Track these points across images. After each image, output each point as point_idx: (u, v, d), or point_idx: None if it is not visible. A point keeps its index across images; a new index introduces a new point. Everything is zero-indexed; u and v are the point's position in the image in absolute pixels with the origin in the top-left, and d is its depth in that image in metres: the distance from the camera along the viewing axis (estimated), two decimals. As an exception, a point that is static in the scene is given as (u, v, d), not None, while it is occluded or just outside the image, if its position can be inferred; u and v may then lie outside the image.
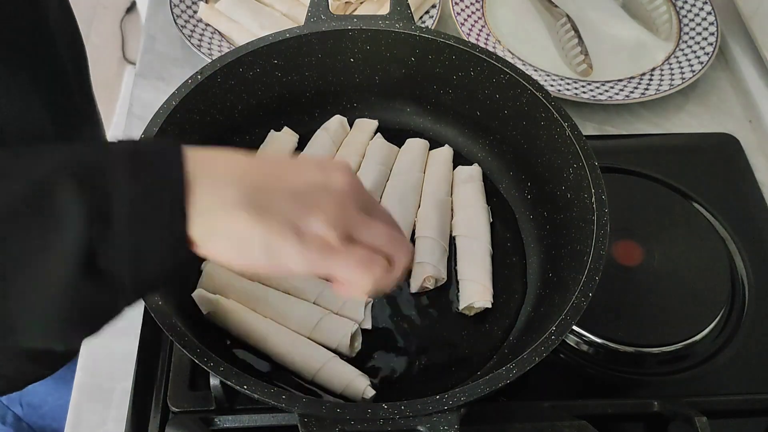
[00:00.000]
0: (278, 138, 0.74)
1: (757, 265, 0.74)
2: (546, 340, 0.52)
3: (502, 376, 0.51)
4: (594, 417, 0.60)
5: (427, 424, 0.48)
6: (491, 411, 0.61)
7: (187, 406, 0.61)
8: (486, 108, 0.72)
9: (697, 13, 0.96)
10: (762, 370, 0.68)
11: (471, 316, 0.66)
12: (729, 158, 0.84)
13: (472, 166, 0.74)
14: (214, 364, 0.50)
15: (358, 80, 0.75)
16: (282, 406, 0.49)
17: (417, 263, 0.67)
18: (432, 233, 0.68)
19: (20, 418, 0.90)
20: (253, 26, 0.91)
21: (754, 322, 0.70)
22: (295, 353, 0.61)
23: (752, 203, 0.80)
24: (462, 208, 0.71)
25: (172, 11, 0.92)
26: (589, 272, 0.56)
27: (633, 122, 0.89)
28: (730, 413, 0.65)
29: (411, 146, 0.75)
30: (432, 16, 0.94)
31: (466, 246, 0.69)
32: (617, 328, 0.68)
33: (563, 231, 0.65)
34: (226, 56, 0.66)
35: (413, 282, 0.67)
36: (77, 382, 0.67)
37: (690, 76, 0.89)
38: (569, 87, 0.88)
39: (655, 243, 0.74)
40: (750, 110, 0.90)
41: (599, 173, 0.61)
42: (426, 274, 0.66)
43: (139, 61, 0.93)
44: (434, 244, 0.68)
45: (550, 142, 0.66)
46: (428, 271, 0.66)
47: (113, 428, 0.64)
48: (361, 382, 0.59)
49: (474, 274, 0.67)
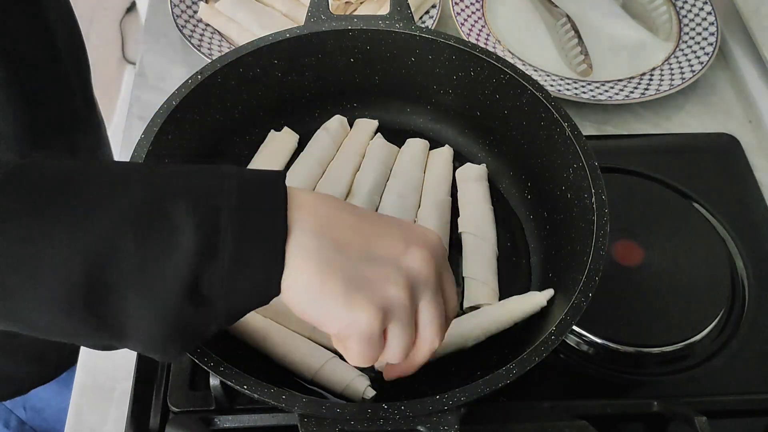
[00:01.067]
0: (278, 138, 0.74)
1: (757, 265, 0.74)
2: (546, 340, 0.52)
3: (502, 376, 0.50)
4: (594, 417, 0.60)
5: (427, 424, 0.48)
6: (491, 411, 0.61)
7: (187, 406, 0.61)
8: (486, 108, 0.72)
9: (697, 13, 0.96)
10: (762, 370, 0.68)
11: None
12: (729, 158, 0.84)
13: (480, 166, 0.74)
14: (214, 364, 0.50)
15: (358, 80, 0.75)
16: (282, 406, 0.49)
17: None
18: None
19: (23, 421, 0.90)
20: (253, 26, 0.91)
21: (754, 323, 0.70)
22: (294, 353, 0.61)
23: (752, 203, 0.80)
24: (469, 204, 0.71)
25: (172, 11, 0.92)
26: (589, 272, 0.56)
27: (633, 122, 0.89)
28: (730, 413, 0.65)
29: (411, 146, 0.75)
30: (432, 16, 0.94)
31: (473, 244, 0.69)
32: (617, 328, 0.68)
33: (563, 231, 0.65)
34: (226, 56, 0.66)
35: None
36: (77, 382, 0.67)
37: (690, 76, 0.89)
38: (569, 87, 0.88)
39: (655, 243, 0.74)
40: (750, 110, 0.90)
41: (599, 173, 0.61)
42: None
43: (139, 61, 0.93)
44: (435, 245, 0.68)
45: (550, 142, 0.66)
46: None
47: (113, 428, 0.64)
48: (360, 382, 0.59)
49: (481, 274, 0.67)
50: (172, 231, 0.38)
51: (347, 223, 0.43)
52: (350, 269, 0.41)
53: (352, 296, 0.41)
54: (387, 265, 0.42)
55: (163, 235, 0.38)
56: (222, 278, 0.39)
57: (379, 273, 0.42)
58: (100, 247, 0.38)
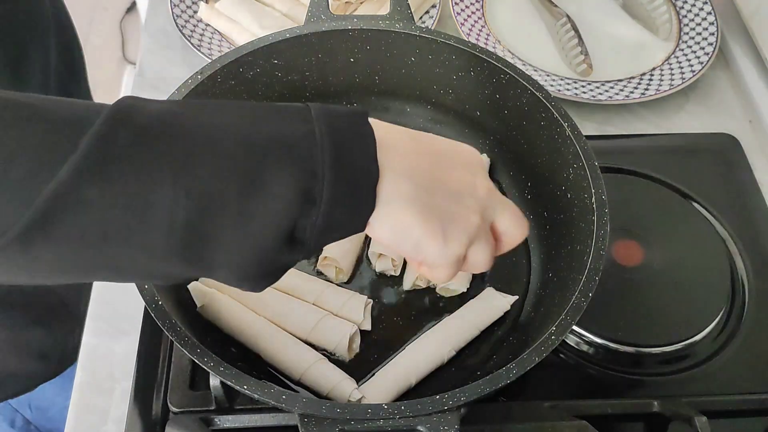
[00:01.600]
0: (278, 138, 0.74)
1: (757, 265, 0.74)
2: (546, 340, 0.52)
3: (502, 376, 0.51)
4: (594, 417, 0.60)
5: (427, 424, 0.48)
6: (491, 411, 0.61)
7: (187, 406, 0.61)
8: (486, 108, 0.72)
9: (697, 13, 0.96)
10: (762, 370, 0.68)
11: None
12: (729, 158, 0.84)
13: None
14: (214, 364, 0.50)
15: (358, 80, 0.75)
16: (282, 406, 0.49)
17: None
18: None
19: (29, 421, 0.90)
20: (253, 26, 0.91)
21: (754, 322, 0.70)
22: (284, 353, 0.61)
23: (752, 203, 0.80)
24: None
25: (172, 11, 0.92)
26: (589, 272, 0.56)
27: (633, 122, 0.89)
28: (730, 413, 0.65)
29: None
30: (432, 16, 0.93)
31: None
32: (617, 328, 0.68)
33: (563, 231, 0.65)
34: (226, 56, 0.66)
35: (406, 279, 0.68)
36: (77, 382, 0.67)
37: (690, 76, 0.89)
38: (569, 87, 0.88)
39: (655, 243, 0.74)
40: (750, 110, 0.90)
41: (599, 173, 0.61)
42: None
43: (139, 61, 0.93)
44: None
45: (550, 142, 0.66)
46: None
47: (113, 428, 0.64)
48: (347, 384, 0.59)
49: None
50: (270, 180, 0.40)
51: (427, 160, 0.47)
52: (443, 209, 0.46)
53: (447, 233, 0.46)
54: (466, 197, 0.47)
55: (262, 184, 0.40)
56: (317, 223, 0.41)
57: (462, 207, 0.47)
58: (203, 193, 0.39)
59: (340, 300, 0.65)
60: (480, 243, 0.48)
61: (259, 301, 0.64)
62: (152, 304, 0.52)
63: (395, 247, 0.46)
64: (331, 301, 0.65)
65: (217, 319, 0.62)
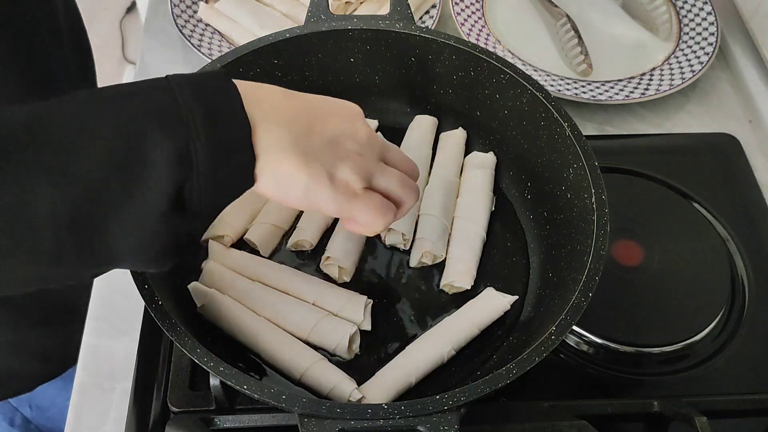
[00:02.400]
0: (278, 138, 0.74)
1: (757, 265, 0.74)
2: (546, 340, 0.52)
3: (502, 376, 0.51)
4: (594, 417, 0.60)
5: (427, 424, 0.48)
6: (491, 411, 0.61)
7: (187, 406, 0.61)
8: (486, 108, 0.72)
9: (697, 13, 0.96)
10: (762, 370, 0.68)
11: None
12: (729, 158, 0.84)
13: (487, 154, 0.74)
14: (214, 364, 0.50)
15: (358, 80, 0.75)
16: (282, 406, 0.49)
17: (417, 239, 0.69)
18: (435, 211, 0.70)
19: (29, 420, 0.90)
20: (253, 26, 0.91)
21: (754, 322, 0.70)
22: (284, 353, 0.61)
23: (752, 203, 0.80)
24: (468, 192, 0.72)
25: (172, 11, 0.92)
26: (589, 272, 0.56)
27: (633, 122, 0.89)
28: (730, 413, 0.65)
29: (420, 123, 0.76)
30: (432, 16, 0.94)
31: (460, 228, 0.70)
32: (617, 328, 0.68)
33: (563, 231, 0.65)
34: (226, 56, 0.66)
35: (413, 256, 0.68)
36: (77, 382, 0.67)
37: (690, 76, 0.89)
38: (569, 87, 0.88)
39: (655, 243, 0.74)
40: (750, 110, 0.90)
41: (599, 173, 0.61)
42: (424, 249, 0.68)
43: (139, 61, 0.93)
44: (436, 222, 0.69)
45: (550, 142, 0.66)
46: (426, 247, 0.68)
47: (113, 428, 0.64)
48: (347, 384, 0.59)
49: (461, 255, 0.68)
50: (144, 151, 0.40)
51: (302, 111, 0.48)
52: (324, 153, 0.47)
53: (334, 174, 0.47)
54: (347, 140, 0.49)
55: (137, 157, 0.40)
56: (202, 184, 0.42)
57: (344, 150, 0.48)
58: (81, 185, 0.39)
59: (340, 300, 0.65)
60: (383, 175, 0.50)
61: (259, 301, 0.64)
62: (152, 304, 0.52)
63: (286, 198, 0.46)
64: (331, 301, 0.65)
65: (217, 319, 0.62)
